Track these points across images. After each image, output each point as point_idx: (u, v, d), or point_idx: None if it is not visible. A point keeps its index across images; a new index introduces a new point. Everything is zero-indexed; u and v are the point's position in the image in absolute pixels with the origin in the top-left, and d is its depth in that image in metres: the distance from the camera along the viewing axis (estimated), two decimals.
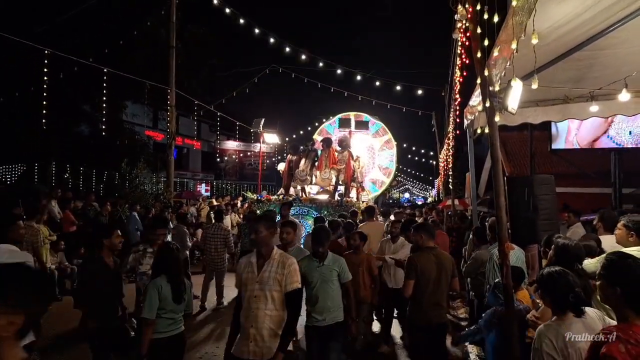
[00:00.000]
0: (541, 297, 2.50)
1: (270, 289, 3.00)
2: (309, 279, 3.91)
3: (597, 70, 4.39)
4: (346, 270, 4.07)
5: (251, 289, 3.06)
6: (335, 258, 4.10)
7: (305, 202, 8.96)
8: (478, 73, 3.02)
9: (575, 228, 6.31)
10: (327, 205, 8.76)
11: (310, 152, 9.95)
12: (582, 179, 14.53)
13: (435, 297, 3.96)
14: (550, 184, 4.72)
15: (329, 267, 4.00)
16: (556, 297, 2.34)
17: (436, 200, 29.24)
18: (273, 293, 3.00)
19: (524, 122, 5.54)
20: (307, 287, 3.93)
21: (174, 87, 12.92)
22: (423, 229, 4.18)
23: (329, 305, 3.92)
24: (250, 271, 3.12)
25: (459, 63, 5.99)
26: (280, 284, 3.01)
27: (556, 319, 2.33)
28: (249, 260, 3.19)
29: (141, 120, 24.43)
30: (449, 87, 12.45)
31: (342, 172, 9.74)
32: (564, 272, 2.42)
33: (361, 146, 13.09)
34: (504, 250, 3.58)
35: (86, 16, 15.55)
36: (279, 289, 3.01)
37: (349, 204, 8.70)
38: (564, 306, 2.30)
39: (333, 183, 9.74)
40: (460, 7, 3.74)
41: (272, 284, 3.01)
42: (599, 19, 3.28)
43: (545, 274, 2.47)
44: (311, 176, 9.85)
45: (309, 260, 4.06)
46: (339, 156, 9.88)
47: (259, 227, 3.08)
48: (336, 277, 4.01)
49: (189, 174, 33.49)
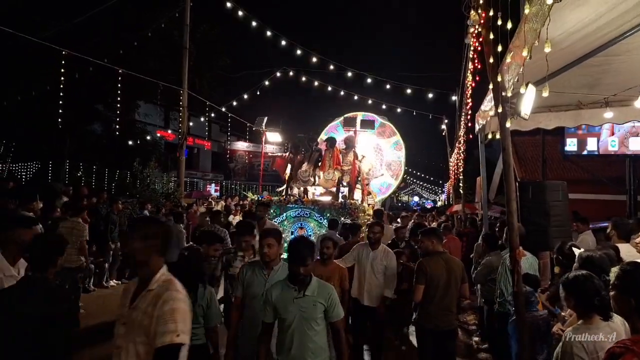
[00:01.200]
0: (565, 300, 2.49)
1: (135, 339, 1.92)
2: (282, 314, 2.83)
3: (611, 76, 4.35)
4: (337, 303, 2.91)
5: (116, 334, 2.05)
6: (322, 286, 2.93)
7: (307, 203, 8.58)
8: (490, 79, 3.01)
9: (585, 236, 6.21)
10: (330, 207, 8.41)
11: (313, 152, 9.49)
12: (595, 185, 14.34)
13: (445, 302, 3.95)
14: (563, 190, 4.69)
15: (313, 299, 2.84)
16: (582, 299, 2.33)
17: (445, 205, 29.04)
18: (138, 347, 1.91)
19: (536, 127, 5.50)
20: (279, 326, 2.89)
21: (186, 88, 13.06)
22: (432, 234, 4.18)
23: (308, 356, 2.78)
24: (124, 303, 2.08)
25: (471, 67, 5.97)
26: (147, 333, 1.89)
27: (583, 322, 2.31)
28: (130, 285, 2.17)
29: (153, 120, 24.71)
30: (460, 91, 12.39)
31: (346, 173, 9.33)
32: (589, 275, 2.40)
33: (368, 146, 12.90)
34: (515, 256, 3.57)
35: (101, 17, 15.78)
36: (146, 341, 1.89)
37: (352, 206, 8.37)
38: (590, 309, 2.29)
39: (337, 184, 9.32)
40: (473, 13, 3.74)
41: (137, 331, 1.93)
42: (614, 25, 3.25)
43: (570, 277, 2.45)
44: (314, 177, 9.40)
45: (283, 287, 2.90)
46: (343, 156, 9.49)
47: (131, 235, 2.09)
48: (322, 313, 2.85)
49: (199, 173, 33.76)
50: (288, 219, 8.43)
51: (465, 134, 9.11)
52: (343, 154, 9.54)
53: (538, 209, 4.52)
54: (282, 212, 8.48)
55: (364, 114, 13.40)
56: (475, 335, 6.40)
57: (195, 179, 32.40)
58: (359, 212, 8.34)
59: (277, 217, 8.40)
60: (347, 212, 8.21)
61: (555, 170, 16.28)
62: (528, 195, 4.66)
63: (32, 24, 14.65)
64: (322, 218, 8.26)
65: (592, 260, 3.14)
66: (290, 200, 8.69)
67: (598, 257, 3.14)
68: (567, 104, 5.24)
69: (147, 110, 23.03)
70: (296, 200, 8.65)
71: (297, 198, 8.77)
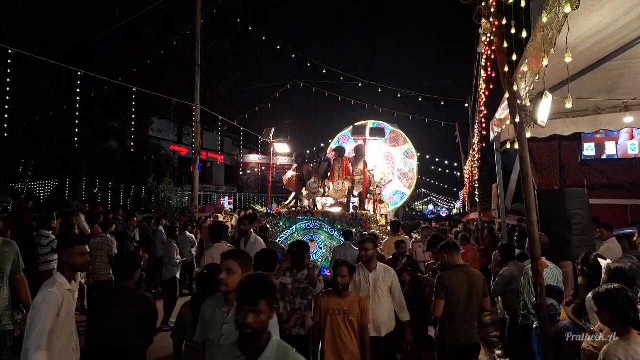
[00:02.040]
0: (598, 315, 2.40)
1: None
2: None
3: (630, 80, 4.25)
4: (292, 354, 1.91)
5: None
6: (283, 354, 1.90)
7: (317, 215, 8.29)
8: (506, 88, 2.95)
9: (610, 243, 6.03)
10: (340, 218, 8.11)
11: (322, 162, 9.11)
12: (613, 189, 14.03)
13: (466, 317, 3.83)
14: (583, 197, 4.57)
15: None
16: (617, 314, 2.26)
17: (461, 212, 28.69)
18: None
19: (553, 134, 5.39)
20: None
21: (199, 104, 13.20)
22: (451, 247, 4.07)
23: None
24: None
25: (484, 75, 5.91)
26: None
27: (620, 338, 2.23)
28: None
29: (166, 135, 25.07)
30: (473, 98, 12.28)
31: (357, 183, 8.94)
32: (622, 289, 2.33)
33: (378, 154, 12.73)
34: (537, 267, 3.47)
35: (115, 37, 16.16)
36: None
37: (364, 217, 8.08)
38: (626, 323, 2.20)
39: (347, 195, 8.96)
40: (485, 21, 3.69)
41: None
42: (630, 28, 3.18)
43: (602, 291, 2.37)
44: (323, 187, 9.02)
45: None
46: (353, 166, 9.08)
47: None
48: None
49: (213, 187, 34.02)
50: (298, 232, 8.20)
51: (479, 142, 8.97)
52: (353, 163, 9.16)
53: (559, 218, 4.40)
54: (292, 224, 8.27)
55: (374, 122, 13.31)
56: (497, 349, 6.22)
57: (209, 193, 32.63)
58: (370, 222, 8.06)
59: (287, 229, 8.22)
60: (358, 223, 7.90)
61: (573, 176, 15.99)
62: (548, 204, 4.54)
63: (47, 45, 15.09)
64: (333, 230, 8.04)
65: (624, 272, 3.02)
66: (299, 212, 8.43)
67: (628, 269, 3.02)
68: (585, 109, 5.13)
69: (160, 126, 23.40)
70: (306, 212, 8.38)
71: (307, 210, 8.51)
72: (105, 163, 18.94)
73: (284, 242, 7.76)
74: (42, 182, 16.99)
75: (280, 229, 8.21)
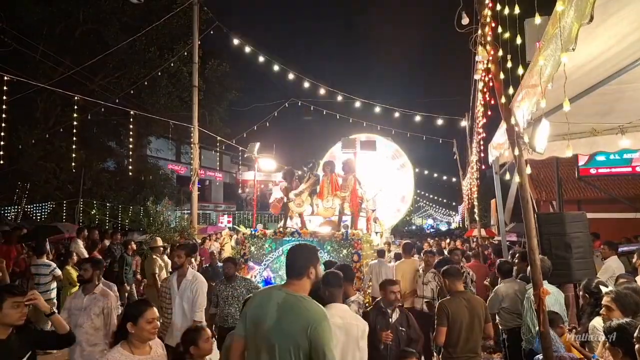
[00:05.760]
0: (610, 350, 2.38)
1: None
2: None
3: (625, 103, 4.29)
4: None
5: None
6: None
7: (305, 235, 7.61)
8: (504, 118, 2.97)
9: (609, 263, 6.00)
10: (330, 239, 7.39)
11: (309, 178, 8.31)
12: (611, 204, 14.07)
13: (469, 344, 3.80)
14: (583, 220, 4.57)
15: None
16: (632, 349, 2.23)
17: (460, 227, 28.65)
18: None
19: (551, 156, 5.42)
20: None
21: (197, 125, 13.22)
22: (453, 274, 4.05)
23: None
24: None
25: (481, 100, 5.95)
26: None
27: None
28: None
29: (164, 154, 25.07)
30: (470, 115, 12.36)
31: (346, 200, 8.07)
32: (634, 323, 2.31)
33: (371, 169, 12.14)
34: (539, 294, 3.43)
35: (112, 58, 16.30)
36: None
37: (355, 237, 7.33)
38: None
39: (337, 213, 8.15)
40: (481, 49, 3.73)
41: None
42: (624, 55, 3.22)
43: (614, 326, 2.36)
44: (312, 205, 8.28)
45: None
46: (342, 182, 8.23)
47: None
48: None
49: (211, 205, 33.96)
50: (284, 254, 7.62)
51: (478, 162, 8.99)
52: (343, 178, 8.35)
53: (559, 241, 4.39)
54: (278, 246, 7.63)
55: (364, 136, 13.07)
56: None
57: (208, 211, 32.56)
58: (362, 242, 7.32)
59: (273, 251, 7.62)
60: (349, 243, 7.24)
61: (571, 190, 16.04)
62: (547, 228, 4.54)
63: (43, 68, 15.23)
64: (323, 251, 7.18)
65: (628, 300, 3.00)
66: (286, 232, 7.76)
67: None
68: (581, 132, 5.16)
69: (158, 145, 23.41)
70: (293, 232, 7.74)
71: (294, 230, 7.86)
72: (104, 183, 18.87)
73: (270, 266, 7.42)
74: (39, 205, 16.87)
75: (267, 251, 7.68)
